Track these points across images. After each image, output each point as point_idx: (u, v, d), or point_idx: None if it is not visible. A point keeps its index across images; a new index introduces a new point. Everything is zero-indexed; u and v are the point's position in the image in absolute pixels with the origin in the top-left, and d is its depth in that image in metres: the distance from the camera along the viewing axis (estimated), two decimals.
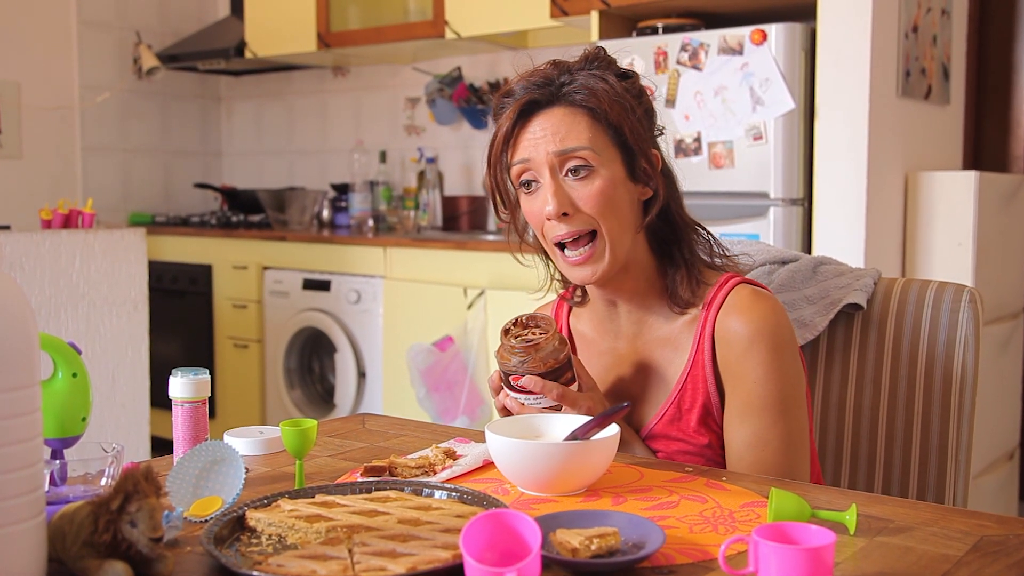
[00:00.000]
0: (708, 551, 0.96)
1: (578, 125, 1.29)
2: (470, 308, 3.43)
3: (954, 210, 2.84)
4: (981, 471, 2.89)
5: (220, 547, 0.95)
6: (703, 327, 1.33)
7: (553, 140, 1.29)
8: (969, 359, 1.50)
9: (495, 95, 1.36)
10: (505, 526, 0.88)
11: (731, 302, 1.32)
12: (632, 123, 1.30)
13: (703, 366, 1.33)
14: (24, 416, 0.86)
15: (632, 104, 1.31)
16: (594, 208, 1.29)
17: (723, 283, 1.35)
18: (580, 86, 1.30)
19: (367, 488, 1.11)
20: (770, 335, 1.29)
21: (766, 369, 1.29)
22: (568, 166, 1.29)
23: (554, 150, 1.29)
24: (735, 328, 1.30)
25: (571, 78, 1.31)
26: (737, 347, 1.30)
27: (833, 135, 2.75)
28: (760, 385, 1.29)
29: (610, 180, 1.29)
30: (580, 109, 1.30)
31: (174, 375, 1.28)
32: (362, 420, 1.56)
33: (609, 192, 1.29)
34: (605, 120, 1.30)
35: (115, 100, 4.81)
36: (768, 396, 1.29)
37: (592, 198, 1.29)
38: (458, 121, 4.37)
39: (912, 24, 2.89)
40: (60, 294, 2.88)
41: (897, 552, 0.95)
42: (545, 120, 1.30)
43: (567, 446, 1.13)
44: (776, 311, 1.32)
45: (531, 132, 1.31)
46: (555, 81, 1.31)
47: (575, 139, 1.29)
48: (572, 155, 1.29)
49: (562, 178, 1.30)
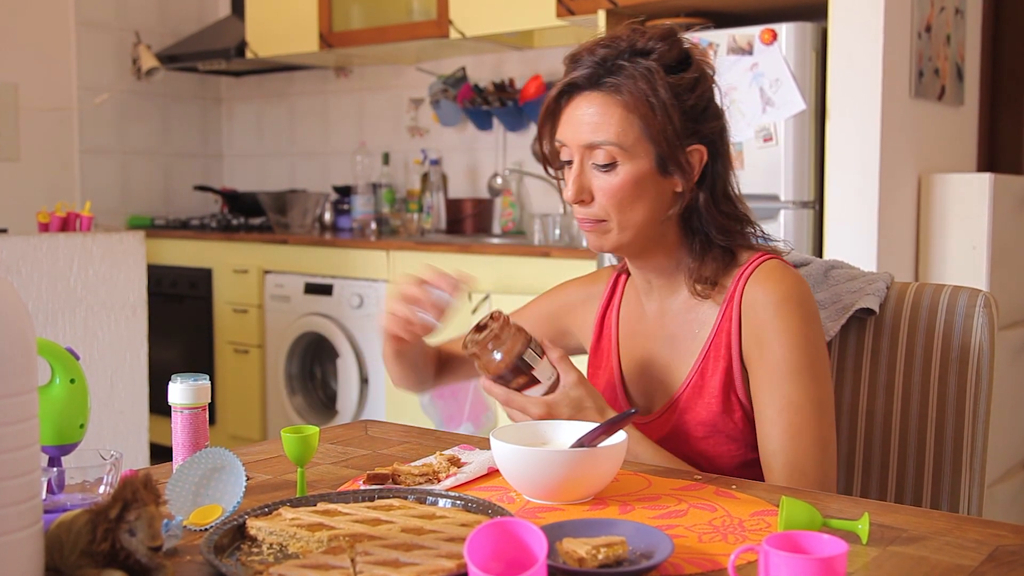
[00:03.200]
0: (717, 561, 0.96)
1: (611, 118, 1.33)
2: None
3: (968, 213, 2.83)
4: (996, 479, 2.87)
5: (220, 556, 0.95)
6: (730, 297, 1.37)
7: (585, 130, 1.34)
8: (984, 365, 1.48)
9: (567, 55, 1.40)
10: (510, 535, 0.87)
11: (759, 273, 1.36)
12: (661, 124, 1.32)
13: (727, 333, 1.36)
14: (21, 423, 0.86)
15: (668, 104, 1.32)
16: (609, 201, 1.34)
17: (756, 259, 1.38)
18: (624, 78, 1.32)
19: (370, 496, 1.11)
20: (797, 304, 1.33)
21: (795, 335, 1.31)
22: (594, 158, 1.34)
23: (584, 140, 1.34)
24: (762, 296, 1.34)
25: (619, 65, 1.33)
26: (764, 313, 1.33)
27: (845, 136, 2.74)
28: (789, 351, 1.31)
29: (633, 176, 1.33)
30: (617, 101, 1.33)
31: (173, 381, 1.28)
32: (365, 427, 1.56)
33: (628, 187, 1.33)
34: (637, 115, 1.32)
35: (114, 101, 4.81)
36: (797, 362, 1.31)
37: (609, 191, 1.34)
38: (462, 122, 4.36)
39: (925, 23, 2.87)
40: (58, 298, 2.88)
41: (911, 562, 0.94)
42: (583, 105, 1.35)
43: (573, 453, 1.12)
44: (803, 284, 1.36)
45: (569, 113, 1.37)
46: (607, 63, 1.34)
47: (604, 132, 1.33)
48: (598, 147, 1.33)
49: (589, 164, 1.35)
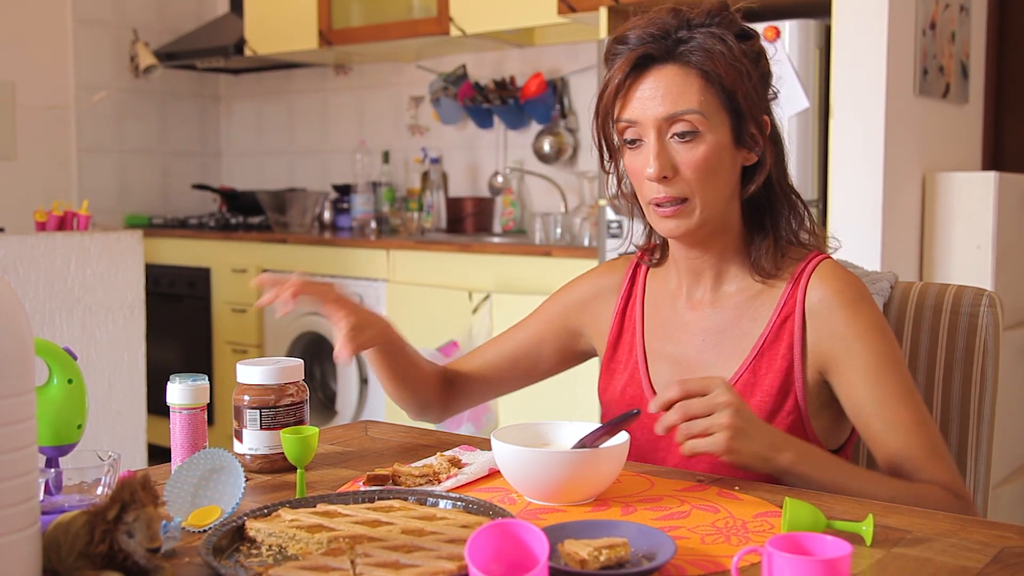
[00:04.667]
0: (720, 562, 0.95)
1: (690, 87, 1.27)
2: (475, 312, 3.40)
3: (973, 212, 2.83)
4: (1001, 480, 2.87)
5: (219, 558, 0.95)
6: (789, 298, 1.33)
7: (664, 102, 1.28)
8: (989, 365, 1.48)
9: (609, 40, 1.34)
10: (512, 537, 0.87)
11: (823, 272, 1.32)
12: (747, 88, 1.28)
13: (790, 333, 1.32)
14: (18, 423, 0.86)
15: (749, 68, 1.29)
16: (694, 174, 1.28)
17: (811, 258, 1.35)
18: (697, 46, 1.28)
19: (370, 497, 1.10)
20: (870, 302, 1.31)
21: (879, 330, 1.29)
22: (675, 128, 1.28)
23: (663, 113, 1.28)
24: (833, 297, 1.30)
25: (689, 35, 1.28)
26: (843, 313, 1.29)
27: (849, 135, 2.73)
28: (878, 343, 1.28)
29: (715, 146, 1.28)
30: (694, 70, 1.28)
31: (172, 381, 1.28)
32: (364, 427, 1.55)
33: (713, 159, 1.28)
34: (719, 84, 1.28)
35: (111, 99, 4.79)
36: (889, 354, 1.28)
37: (695, 164, 1.28)
38: (463, 120, 4.34)
39: (930, 21, 2.86)
40: (55, 298, 2.88)
41: (915, 564, 0.94)
42: (658, 79, 1.29)
43: (575, 454, 1.12)
44: (863, 283, 1.34)
45: (641, 90, 1.29)
46: (672, 35, 1.29)
47: (686, 102, 1.27)
48: (680, 118, 1.28)
49: (668, 139, 1.29)
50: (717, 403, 1.13)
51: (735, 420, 1.12)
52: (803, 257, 1.35)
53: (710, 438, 1.12)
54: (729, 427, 1.12)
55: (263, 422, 1.29)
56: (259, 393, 1.30)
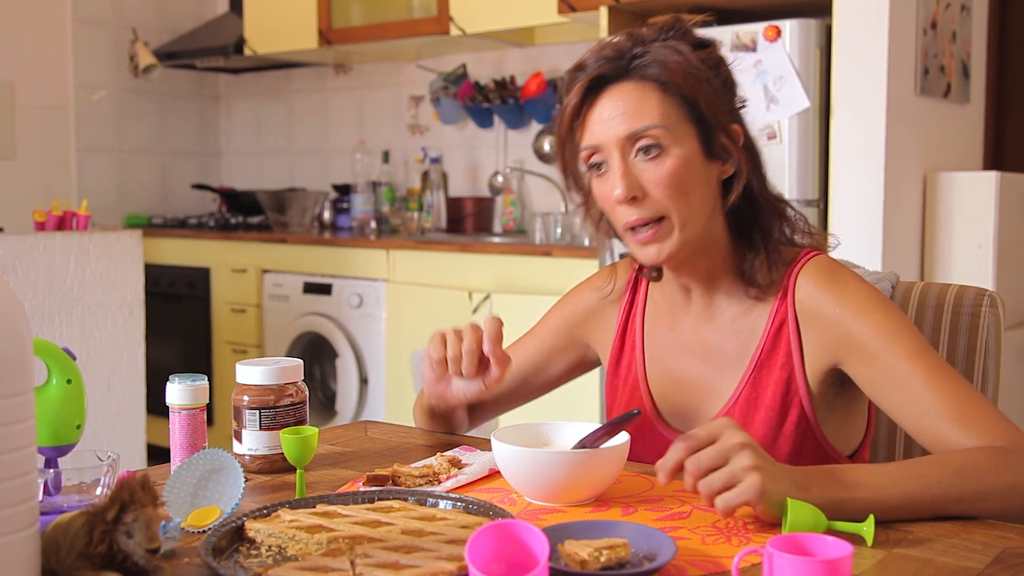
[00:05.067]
0: (721, 563, 0.95)
1: (649, 101, 1.23)
2: (475, 312, 3.40)
3: (974, 211, 2.83)
4: None
5: (218, 558, 0.95)
6: (781, 305, 1.28)
7: (623, 120, 1.23)
8: (990, 365, 1.47)
9: (568, 70, 1.29)
10: (512, 537, 0.87)
11: (808, 271, 1.27)
12: (708, 95, 1.23)
13: (787, 341, 1.27)
14: (17, 424, 0.86)
15: (708, 75, 1.24)
16: (665, 191, 1.23)
17: (800, 259, 1.30)
18: (652, 59, 1.23)
19: (369, 498, 1.10)
20: (856, 277, 1.26)
21: (873, 301, 1.23)
22: (639, 145, 1.23)
23: (624, 131, 1.23)
24: (817, 289, 1.25)
25: (644, 50, 1.24)
26: (828, 300, 1.24)
27: (849, 134, 2.73)
28: (876, 315, 1.22)
29: (683, 159, 1.23)
30: (651, 83, 1.23)
31: (171, 381, 1.28)
32: (364, 428, 1.55)
33: (681, 173, 1.23)
34: (678, 93, 1.23)
35: (111, 99, 4.78)
36: (890, 322, 1.21)
37: (663, 180, 1.23)
38: (463, 120, 4.34)
39: (930, 20, 2.86)
40: (54, 298, 2.87)
41: (916, 564, 0.94)
42: (614, 97, 1.24)
43: (575, 455, 1.11)
44: (855, 272, 1.29)
45: (599, 112, 1.25)
46: (627, 54, 1.25)
47: (645, 117, 1.22)
48: (642, 134, 1.23)
49: (632, 159, 1.24)
50: (731, 446, 1.01)
51: (757, 460, 1.01)
52: (794, 260, 1.30)
53: (739, 487, 1.00)
54: (755, 468, 1.00)
55: (263, 422, 1.29)
56: (259, 393, 1.29)
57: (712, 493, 1.01)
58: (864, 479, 1.06)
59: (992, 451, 1.10)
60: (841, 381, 1.29)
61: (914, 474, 1.07)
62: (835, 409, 1.30)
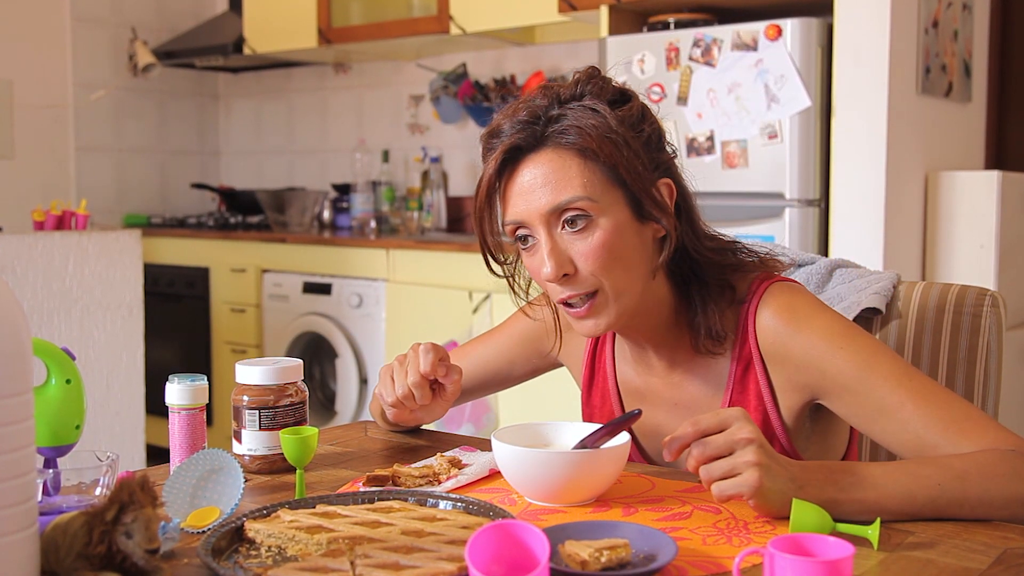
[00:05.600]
0: (722, 563, 0.95)
1: (569, 171, 1.17)
2: (475, 312, 3.39)
3: (976, 211, 2.82)
4: None
5: (218, 559, 0.95)
6: (743, 347, 1.25)
7: (544, 193, 1.17)
8: (992, 365, 1.47)
9: (482, 135, 1.23)
10: (512, 538, 0.87)
11: (765, 309, 1.23)
12: (628, 159, 1.17)
13: (755, 383, 1.25)
14: (16, 424, 0.86)
15: (628, 137, 1.18)
16: (595, 264, 1.18)
17: (753, 293, 1.25)
18: (569, 124, 1.17)
19: (369, 498, 1.10)
20: (818, 309, 1.21)
21: (841, 337, 1.18)
22: (564, 218, 1.18)
23: (547, 206, 1.17)
24: (781, 330, 1.21)
25: (560, 112, 1.18)
26: (796, 342, 1.20)
27: (851, 134, 2.73)
28: (847, 350, 1.17)
29: (612, 229, 1.18)
30: (569, 151, 1.17)
31: (171, 381, 1.28)
32: (364, 428, 1.54)
33: (612, 243, 1.18)
34: (598, 160, 1.17)
35: (110, 98, 4.78)
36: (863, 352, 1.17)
37: (592, 253, 1.18)
38: (463, 119, 4.33)
39: (932, 19, 2.86)
40: (53, 298, 2.87)
41: (918, 565, 0.94)
42: (533, 168, 1.19)
43: (576, 455, 1.12)
44: (807, 292, 1.26)
45: (519, 184, 1.19)
46: (542, 118, 1.19)
47: (568, 188, 1.17)
48: (567, 207, 1.17)
49: (559, 232, 1.19)
50: (738, 439, 1.02)
51: (760, 457, 1.01)
52: (748, 295, 1.25)
53: (737, 478, 1.02)
54: (756, 464, 1.01)
55: (262, 422, 1.28)
56: (258, 393, 1.29)
57: (712, 479, 1.03)
58: (864, 479, 1.05)
59: (998, 455, 1.08)
60: (817, 407, 1.26)
61: (915, 475, 1.06)
62: (814, 434, 1.29)
